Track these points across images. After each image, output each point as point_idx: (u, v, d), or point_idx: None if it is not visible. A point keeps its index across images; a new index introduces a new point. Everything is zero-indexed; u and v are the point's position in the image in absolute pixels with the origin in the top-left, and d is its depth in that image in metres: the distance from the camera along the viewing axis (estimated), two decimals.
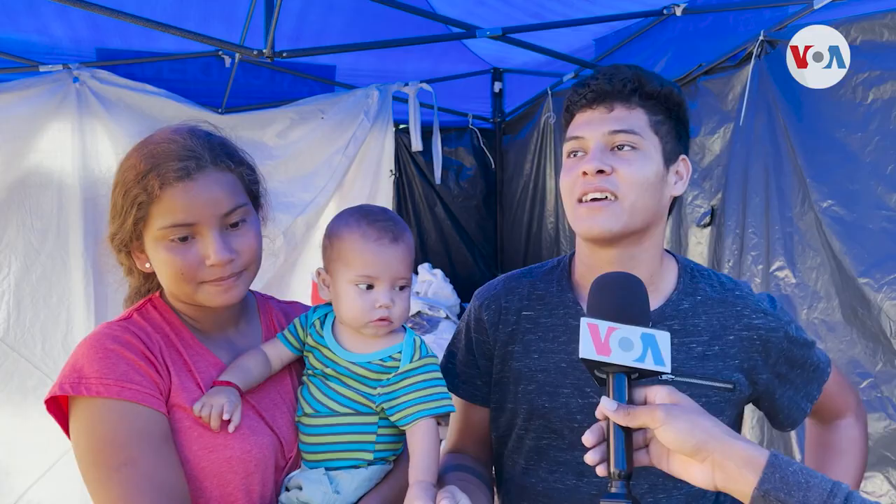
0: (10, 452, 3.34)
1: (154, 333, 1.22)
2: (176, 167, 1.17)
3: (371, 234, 1.26)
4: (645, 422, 0.94)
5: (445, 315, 4.20)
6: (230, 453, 1.19)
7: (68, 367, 1.16)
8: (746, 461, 0.90)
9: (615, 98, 1.28)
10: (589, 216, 1.26)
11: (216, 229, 1.19)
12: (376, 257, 1.25)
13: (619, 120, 1.27)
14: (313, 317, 1.35)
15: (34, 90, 3.35)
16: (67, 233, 3.42)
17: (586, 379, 1.31)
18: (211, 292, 1.22)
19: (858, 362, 2.30)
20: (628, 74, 1.29)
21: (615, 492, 0.94)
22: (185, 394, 1.20)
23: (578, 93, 1.32)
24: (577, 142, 1.31)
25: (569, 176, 1.30)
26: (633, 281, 1.06)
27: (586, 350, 0.98)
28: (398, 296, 1.28)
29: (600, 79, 1.29)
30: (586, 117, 1.30)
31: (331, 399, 1.27)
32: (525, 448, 1.37)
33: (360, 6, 3.25)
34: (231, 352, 1.30)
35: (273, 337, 1.37)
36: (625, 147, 1.26)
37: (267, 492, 1.24)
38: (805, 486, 0.87)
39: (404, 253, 1.29)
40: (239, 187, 1.25)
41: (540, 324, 1.38)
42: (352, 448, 1.26)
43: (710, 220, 3.01)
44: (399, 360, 1.27)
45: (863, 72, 2.25)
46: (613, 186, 1.24)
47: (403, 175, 4.78)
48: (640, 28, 3.35)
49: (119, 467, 1.10)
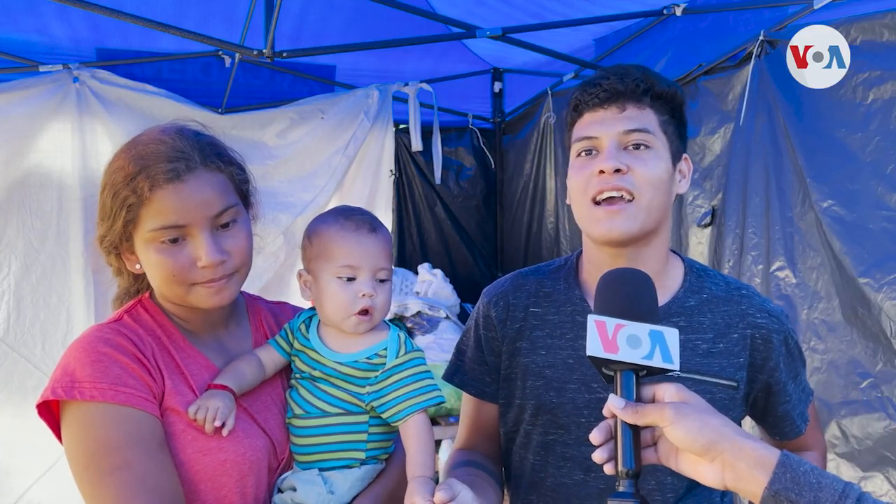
0: (10, 452, 3.34)
1: (146, 336, 1.22)
2: (166, 168, 1.15)
3: (349, 226, 1.29)
4: (654, 420, 0.93)
5: (445, 315, 4.20)
6: (224, 456, 1.19)
7: (59, 370, 1.15)
8: (757, 461, 0.89)
9: (627, 98, 1.29)
10: (608, 219, 1.25)
11: (207, 230, 1.18)
12: (357, 247, 1.28)
13: (633, 119, 1.28)
14: (298, 321, 1.35)
15: (34, 90, 3.35)
16: (67, 233, 3.42)
17: (593, 374, 1.32)
18: (203, 294, 1.21)
19: (858, 362, 2.30)
20: (639, 74, 1.30)
21: (623, 490, 0.93)
22: (179, 397, 1.19)
23: (589, 92, 1.31)
24: (589, 141, 1.30)
25: (581, 175, 1.29)
26: (641, 276, 1.05)
27: (593, 348, 0.97)
28: (380, 287, 1.29)
29: (612, 78, 1.29)
30: (598, 116, 1.30)
31: (320, 400, 1.28)
32: (533, 444, 1.38)
33: (360, 6, 3.25)
34: (222, 353, 1.30)
35: (264, 341, 1.37)
36: (640, 146, 1.27)
37: (261, 493, 1.24)
38: (816, 487, 0.85)
39: (383, 243, 1.31)
40: (229, 187, 1.24)
41: (547, 320, 1.39)
42: (343, 448, 1.27)
43: (710, 220, 3.01)
44: (385, 356, 1.28)
45: (863, 72, 2.25)
46: (630, 185, 1.24)
47: (403, 175, 4.78)
48: (640, 28, 3.35)
49: (113, 471, 1.09)
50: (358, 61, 4.02)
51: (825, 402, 2.38)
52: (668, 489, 1.29)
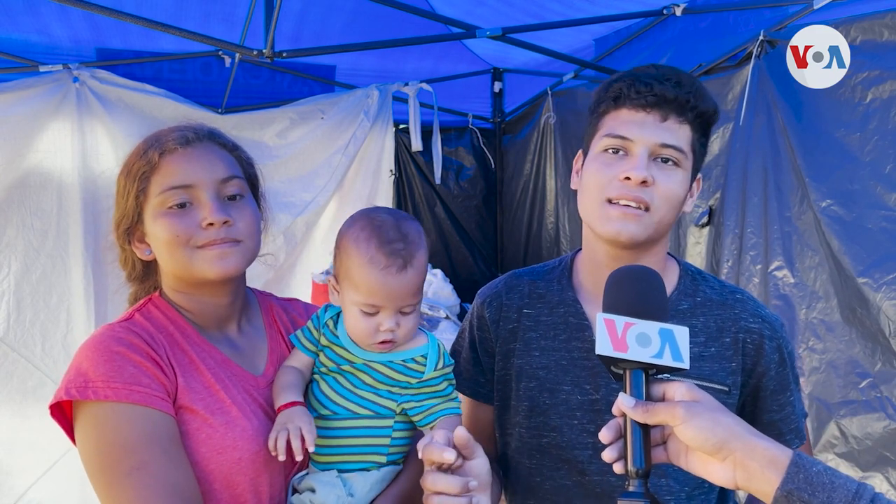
0: (10, 452, 3.34)
1: (157, 334, 1.22)
2: (175, 136, 1.24)
3: (379, 261, 1.20)
4: (665, 419, 0.92)
5: (445, 315, 4.20)
6: (239, 455, 1.18)
7: (73, 371, 1.15)
8: (769, 460, 0.88)
9: (672, 108, 1.24)
10: (620, 220, 1.23)
11: (213, 192, 1.22)
12: (382, 288, 1.20)
13: (672, 133, 1.24)
14: (325, 316, 1.33)
15: (34, 90, 3.34)
16: (67, 233, 3.41)
17: (586, 376, 1.32)
18: (206, 258, 1.21)
19: (857, 362, 2.30)
20: (691, 87, 1.25)
21: (633, 490, 0.92)
22: (192, 394, 1.19)
23: (637, 90, 1.24)
24: (621, 141, 1.25)
25: (604, 174, 1.25)
26: (651, 274, 1.05)
27: (603, 346, 0.96)
28: (404, 319, 1.25)
29: (666, 84, 1.23)
30: (639, 118, 1.24)
31: (349, 401, 1.26)
32: (527, 447, 1.38)
33: (360, 6, 3.26)
34: (234, 349, 1.30)
35: (278, 337, 1.37)
36: (670, 161, 1.24)
37: (275, 492, 1.24)
38: (830, 487, 0.85)
39: (413, 279, 1.23)
40: (237, 165, 1.29)
41: (541, 322, 1.39)
42: (366, 451, 1.25)
43: (708, 220, 3.01)
44: (422, 363, 1.27)
45: (862, 72, 2.26)
46: (650, 198, 1.22)
47: (403, 175, 4.78)
48: (640, 28, 3.36)
49: (130, 472, 1.09)
50: (358, 61, 4.03)
51: (824, 402, 2.38)
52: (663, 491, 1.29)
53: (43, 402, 3.18)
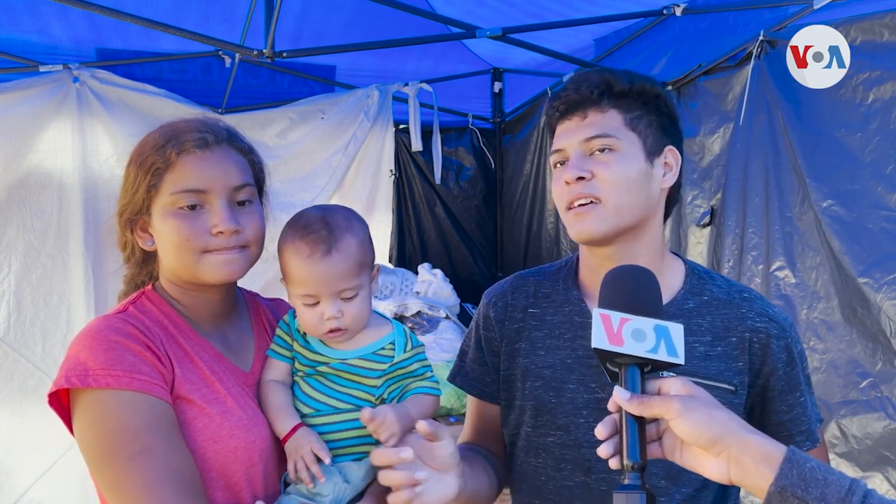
0: (10, 452, 3.34)
1: (152, 325, 1.23)
2: (195, 137, 1.24)
3: (303, 251, 1.25)
4: (660, 412, 0.93)
5: (445, 315, 4.19)
6: (235, 443, 1.20)
7: (71, 360, 1.15)
8: (764, 456, 0.88)
9: (587, 105, 1.31)
10: (577, 221, 1.29)
11: (225, 199, 1.23)
12: (311, 275, 1.24)
13: (593, 125, 1.30)
14: (295, 322, 1.35)
15: (34, 90, 3.35)
16: (67, 233, 3.42)
17: (591, 375, 1.32)
18: (213, 263, 1.23)
19: (858, 362, 2.30)
20: (595, 80, 1.32)
21: (629, 483, 0.92)
22: (189, 385, 1.20)
23: (553, 106, 1.36)
24: (559, 154, 1.35)
25: (556, 186, 1.34)
26: (645, 273, 1.06)
27: (599, 340, 0.97)
28: (347, 305, 1.26)
29: (570, 89, 1.33)
30: (564, 128, 1.34)
31: (329, 397, 1.29)
32: (533, 446, 1.39)
33: (360, 6, 3.26)
34: (225, 345, 1.32)
35: (264, 334, 1.39)
36: (604, 150, 1.29)
37: (269, 481, 1.25)
38: (823, 483, 0.85)
39: (340, 264, 1.24)
40: (249, 170, 1.30)
41: (546, 321, 1.40)
42: (356, 443, 1.28)
43: (709, 220, 3.01)
44: (392, 349, 1.31)
45: (863, 72, 2.25)
46: (595, 190, 1.27)
47: (403, 175, 4.78)
48: (639, 28, 3.36)
49: (134, 456, 1.10)
50: (358, 61, 4.03)
51: (825, 401, 2.38)
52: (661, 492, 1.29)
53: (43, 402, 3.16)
